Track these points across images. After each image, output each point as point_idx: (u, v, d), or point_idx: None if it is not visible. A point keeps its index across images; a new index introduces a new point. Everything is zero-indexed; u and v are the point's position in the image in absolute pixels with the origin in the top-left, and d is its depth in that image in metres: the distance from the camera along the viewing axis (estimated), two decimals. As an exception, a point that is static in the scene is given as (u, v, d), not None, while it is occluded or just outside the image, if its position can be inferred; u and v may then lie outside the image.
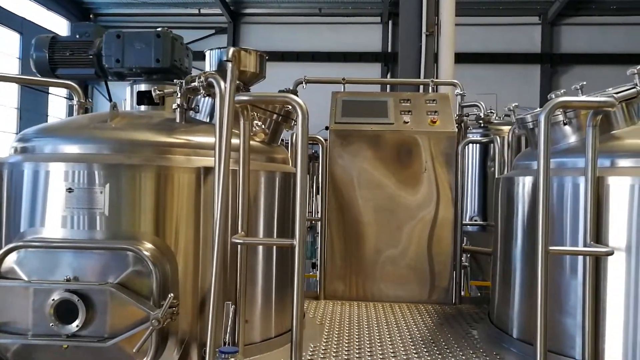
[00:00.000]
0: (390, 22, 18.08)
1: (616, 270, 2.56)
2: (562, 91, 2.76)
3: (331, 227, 4.10)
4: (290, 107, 2.71)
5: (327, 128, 4.11)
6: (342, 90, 4.38)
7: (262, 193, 2.91)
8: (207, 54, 3.25)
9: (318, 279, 4.06)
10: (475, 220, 5.77)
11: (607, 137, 2.80)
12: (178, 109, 2.77)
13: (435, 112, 4.10)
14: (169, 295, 2.32)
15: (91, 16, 19.07)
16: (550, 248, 2.38)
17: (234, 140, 2.61)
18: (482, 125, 4.37)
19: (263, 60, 3.46)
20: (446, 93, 4.35)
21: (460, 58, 18.53)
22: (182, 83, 2.72)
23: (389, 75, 17.01)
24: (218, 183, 2.35)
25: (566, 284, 2.71)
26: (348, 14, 18.68)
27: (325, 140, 4.11)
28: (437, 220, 4.05)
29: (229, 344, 2.33)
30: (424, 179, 4.07)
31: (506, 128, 4.65)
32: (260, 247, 2.90)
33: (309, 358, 2.75)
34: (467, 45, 18.35)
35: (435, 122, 4.02)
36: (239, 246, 2.57)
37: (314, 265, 4.37)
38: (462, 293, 5.11)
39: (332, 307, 3.80)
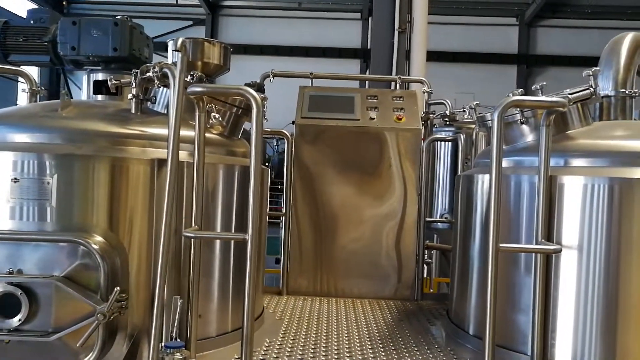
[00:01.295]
0: (370, 18, 18.06)
1: (569, 268, 2.60)
2: (519, 90, 2.77)
3: (295, 223, 4.08)
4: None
5: (293, 122, 4.09)
6: (310, 84, 4.35)
7: (220, 187, 2.87)
8: (169, 44, 3.20)
9: (281, 274, 4.03)
10: (446, 218, 5.81)
11: (562, 137, 2.83)
12: (133, 99, 2.72)
13: (402, 109, 4.10)
14: (115, 289, 2.27)
15: (64, 3, 18.65)
16: (501, 245, 2.39)
17: (191, 133, 2.58)
18: (447, 122, 4.39)
19: (227, 52, 3.42)
20: (413, 90, 4.36)
21: (440, 56, 18.77)
22: (137, 73, 2.66)
23: (368, 72, 17.01)
24: (169, 175, 2.31)
25: (520, 282, 2.74)
26: (328, 9, 18.62)
27: (292, 135, 4.09)
28: (401, 216, 4.06)
29: (176, 339, 2.30)
30: (389, 175, 4.07)
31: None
32: (218, 242, 2.87)
33: (263, 353, 2.73)
34: (446, 44, 18.52)
35: (401, 119, 4.03)
36: (191, 240, 2.54)
37: (277, 261, 4.34)
38: (430, 290, 5.17)
39: (293, 303, 3.79)
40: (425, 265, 4.19)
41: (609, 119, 3.17)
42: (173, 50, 2.32)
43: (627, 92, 3.13)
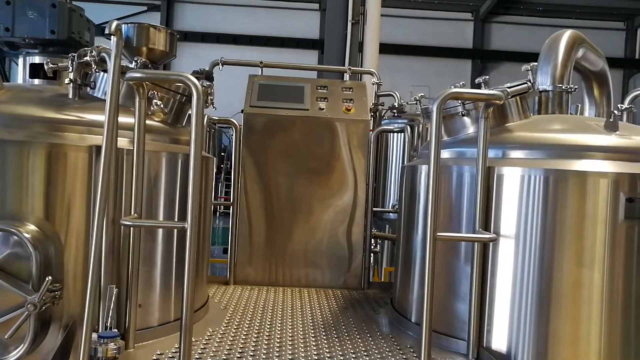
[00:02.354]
0: (328, 9, 18.06)
1: (506, 257, 2.68)
2: (461, 83, 2.84)
3: (243, 212, 4.06)
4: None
5: (242, 111, 4.05)
6: (260, 73, 4.32)
7: (163, 175, 2.83)
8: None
9: (228, 264, 4.01)
10: (396, 208, 5.88)
11: (501, 130, 2.92)
12: (71, 84, 2.63)
13: (351, 100, 4.12)
14: (47, 279, 2.21)
15: (13, -15, 17.84)
16: (439, 234, 2.45)
17: (132, 119, 2.52)
18: (395, 114, 4.45)
19: (174, 39, 3.37)
20: (363, 82, 4.39)
21: (397, 49, 18.94)
22: (74, 57, 2.58)
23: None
24: (103, 162, 2.26)
25: (460, 271, 2.82)
26: (287, -1, 18.53)
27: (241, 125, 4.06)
28: (349, 206, 4.10)
29: (111, 328, 2.25)
30: (339, 166, 4.09)
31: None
32: (160, 231, 2.83)
33: (205, 343, 2.71)
34: (403, 37, 18.72)
35: (350, 110, 4.05)
36: (130, 229, 2.50)
37: (225, 251, 4.32)
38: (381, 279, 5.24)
39: (240, 292, 3.78)
40: (372, 254, 4.24)
41: (547, 112, 3.29)
42: (106, 34, 2.25)
43: (564, 87, 3.25)
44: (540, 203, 2.61)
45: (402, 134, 4.03)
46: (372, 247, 4.32)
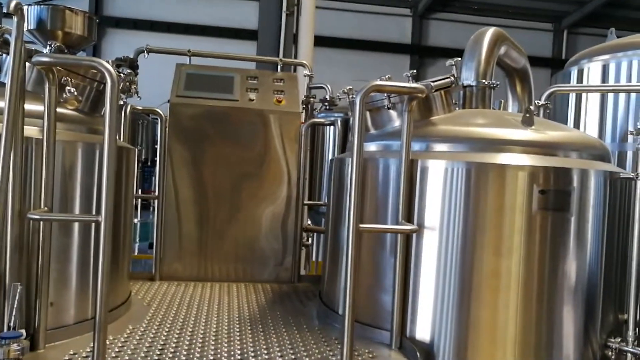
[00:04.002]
0: None
1: (430, 248, 2.73)
2: (387, 76, 2.85)
3: (169, 206, 3.94)
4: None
5: (169, 101, 3.92)
6: (189, 62, 4.19)
7: (79, 166, 2.69)
8: (24, 10, 2.93)
9: (154, 259, 3.88)
10: (327, 202, 5.89)
11: (426, 123, 2.96)
12: (-28, 67, 2.45)
13: (282, 91, 4.08)
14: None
15: None
16: (361, 226, 2.46)
17: (39, 107, 2.38)
18: (327, 107, 4.45)
19: (92, 23, 3.20)
20: (294, 74, 4.35)
21: (335, 42, 18.94)
22: (-24, 38, 2.40)
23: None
24: (3, 151, 2.11)
25: (386, 263, 2.84)
26: (225, -13, 18.13)
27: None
28: (283, 200, 4.06)
29: (14, 328, 2.12)
30: (269, 158, 4.04)
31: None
32: (76, 225, 2.69)
33: (123, 341, 2.60)
34: (342, 30, 18.78)
35: (280, 102, 4.01)
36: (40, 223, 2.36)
37: (151, 246, 4.18)
38: (305, 272, 5.24)
39: (166, 288, 3.67)
40: (303, 247, 4.22)
41: (471, 107, 3.37)
42: (4, 13, 2.10)
43: (487, 82, 3.34)
44: (462, 195, 2.68)
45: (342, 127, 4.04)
46: (305, 240, 4.30)
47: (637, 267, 2.82)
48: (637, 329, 2.80)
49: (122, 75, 3.11)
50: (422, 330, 2.74)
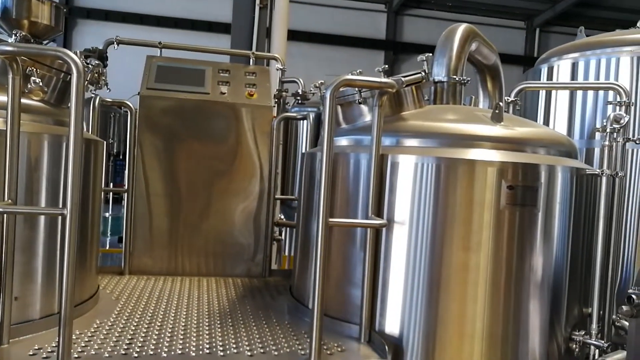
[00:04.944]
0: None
1: (400, 243, 2.75)
2: (358, 71, 2.86)
3: (140, 200, 3.88)
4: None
5: (139, 94, 3.86)
6: (159, 54, 4.13)
7: (45, 158, 2.63)
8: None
9: (123, 253, 3.83)
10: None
11: (397, 118, 2.98)
12: None
13: (254, 85, 4.05)
14: None
15: None
16: (330, 220, 2.46)
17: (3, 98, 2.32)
18: (299, 101, 4.44)
19: (60, 12, 3.14)
20: (267, 67, 4.32)
21: (310, 37, 18.90)
22: None
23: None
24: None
25: (356, 258, 2.85)
26: (198, -21, 17.91)
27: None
28: (255, 194, 4.03)
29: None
30: (241, 152, 4.01)
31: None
32: (42, 218, 2.64)
33: (90, 335, 2.56)
34: (317, 25, 18.76)
35: (252, 95, 3.98)
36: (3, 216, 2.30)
37: (120, 240, 4.12)
38: (277, 266, 5.23)
39: (135, 282, 3.62)
40: (275, 242, 4.22)
41: (442, 102, 3.40)
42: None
43: (457, 78, 3.37)
44: (432, 190, 2.70)
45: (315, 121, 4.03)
46: (276, 235, 4.29)
47: (601, 262, 2.89)
48: (600, 322, 2.88)
49: (90, 66, 3.05)
50: (392, 324, 2.76)
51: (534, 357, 2.71)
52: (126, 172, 3.81)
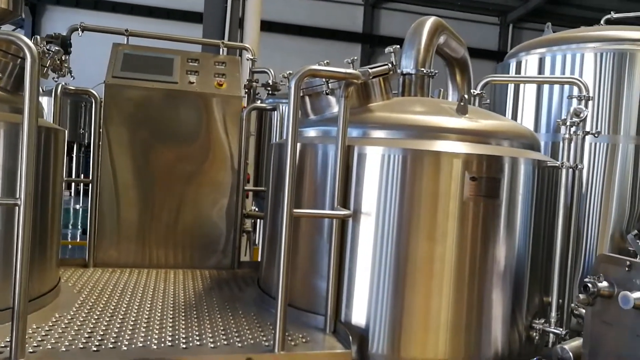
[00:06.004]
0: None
1: (366, 234, 2.75)
2: (326, 62, 2.84)
3: (106, 190, 3.81)
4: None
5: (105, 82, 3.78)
6: (126, 42, 4.04)
7: (1, 148, 2.56)
8: None
9: (87, 245, 3.75)
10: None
11: (364, 109, 2.97)
12: None
13: (224, 75, 4.00)
14: None
15: None
16: (295, 210, 2.45)
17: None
18: (269, 92, 4.40)
19: (18, -4, 3.03)
20: (237, 57, 4.27)
21: (287, 29, 18.76)
22: None
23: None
24: None
25: (323, 249, 2.84)
26: (174, -33, 17.61)
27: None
28: (221, 185, 3.99)
29: None
30: (211, 143, 3.96)
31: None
32: (-1, 209, 2.56)
33: (47, 329, 2.50)
34: (293, 16, 18.65)
35: (222, 85, 3.93)
36: (-45, 206, 2.23)
37: (85, 232, 4.05)
38: (251, 258, 5.21)
39: (99, 275, 3.56)
40: (245, 234, 4.18)
41: (410, 95, 3.40)
42: None
43: (425, 71, 3.37)
44: (398, 181, 2.71)
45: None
46: (246, 226, 4.26)
47: (561, 252, 2.94)
48: (559, 310, 2.93)
49: (50, 52, 2.97)
50: (358, 315, 2.76)
51: (496, 345, 2.75)
52: (91, 162, 3.72)
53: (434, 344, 2.70)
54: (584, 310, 2.43)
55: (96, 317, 2.70)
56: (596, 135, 3.24)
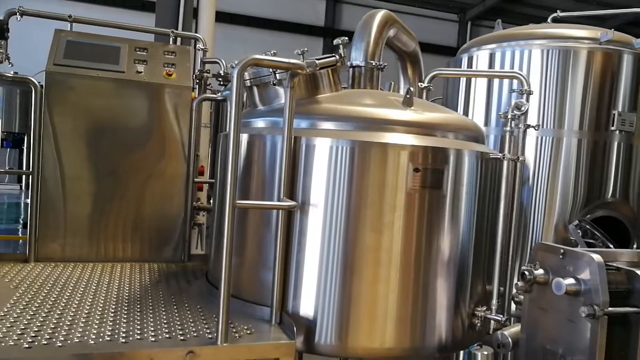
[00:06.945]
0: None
1: (315, 225, 2.74)
2: (272, 52, 2.81)
3: (48, 183, 3.68)
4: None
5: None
6: (69, 29, 3.90)
7: None
8: None
9: (28, 239, 3.62)
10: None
11: (312, 101, 2.96)
12: None
13: (173, 64, 3.91)
14: None
15: None
16: (238, 202, 2.42)
17: None
18: (221, 83, 4.34)
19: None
20: (187, 47, 4.18)
21: (249, 22, 18.59)
22: None
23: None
24: None
25: (270, 241, 2.81)
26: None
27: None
28: (168, 177, 3.90)
29: None
30: (157, 134, 3.86)
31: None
32: None
33: (-21, 326, 2.40)
34: (257, 9, 18.49)
35: (171, 75, 3.84)
36: None
37: (25, 225, 3.91)
38: (202, 251, 5.14)
39: (40, 270, 3.43)
40: (196, 226, 4.12)
41: (359, 87, 3.41)
42: None
43: (374, 63, 3.38)
44: (346, 172, 2.72)
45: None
46: (197, 219, 4.19)
47: (502, 241, 3.01)
48: (500, 298, 3.00)
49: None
50: (306, 306, 2.77)
51: (440, 333, 2.80)
52: (31, 152, 3.59)
53: (381, 333, 2.74)
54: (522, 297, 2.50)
55: (32, 313, 2.60)
56: (536, 128, 3.33)
